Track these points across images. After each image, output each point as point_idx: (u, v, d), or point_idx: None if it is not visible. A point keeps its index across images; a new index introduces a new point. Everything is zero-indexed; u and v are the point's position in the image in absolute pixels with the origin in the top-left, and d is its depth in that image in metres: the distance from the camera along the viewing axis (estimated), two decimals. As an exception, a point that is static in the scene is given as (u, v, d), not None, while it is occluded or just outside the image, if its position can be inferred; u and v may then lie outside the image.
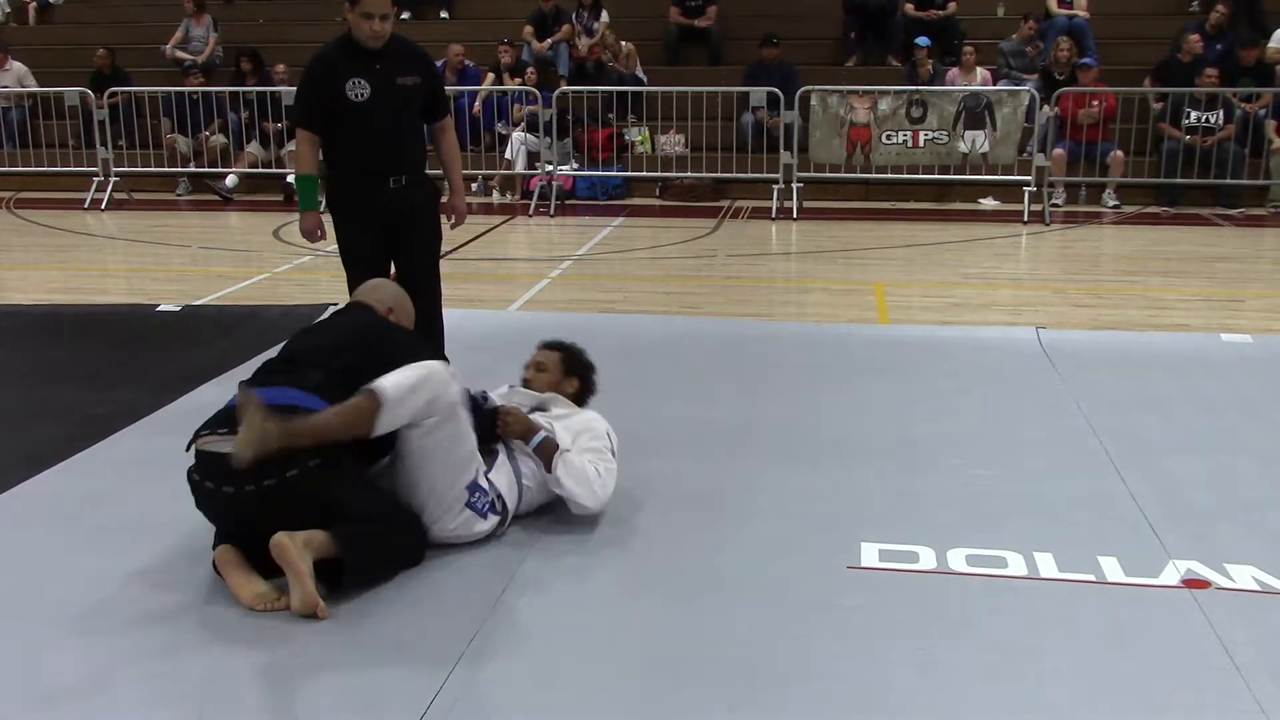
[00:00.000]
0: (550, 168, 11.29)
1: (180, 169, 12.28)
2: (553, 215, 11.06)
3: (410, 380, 3.32)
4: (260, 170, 12.17)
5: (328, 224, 5.02)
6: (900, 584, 3.36)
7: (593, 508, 3.69)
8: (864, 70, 12.60)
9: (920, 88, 11.21)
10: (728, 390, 5.27)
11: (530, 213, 11.07)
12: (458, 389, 3.47)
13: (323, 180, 5.02)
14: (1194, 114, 10.79)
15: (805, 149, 11.05)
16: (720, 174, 11.50)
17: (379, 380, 3.29)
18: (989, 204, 11.35)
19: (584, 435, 3.80)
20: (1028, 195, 10.49)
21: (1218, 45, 11.50)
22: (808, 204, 10.92)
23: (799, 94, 10.97)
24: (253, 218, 11.16)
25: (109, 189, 11.79)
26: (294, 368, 3.46)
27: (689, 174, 11.66)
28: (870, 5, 12.82)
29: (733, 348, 6.01)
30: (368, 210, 4.83)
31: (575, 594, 3.31)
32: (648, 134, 12.09)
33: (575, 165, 11.77)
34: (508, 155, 11.84)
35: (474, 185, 11.89)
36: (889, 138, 10.97)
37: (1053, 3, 12.54)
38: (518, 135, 11.74)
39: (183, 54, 13.43)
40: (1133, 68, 11.79)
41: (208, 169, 12.21)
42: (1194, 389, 5.24)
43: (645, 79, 12.39)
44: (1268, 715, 2.69)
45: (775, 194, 10.86)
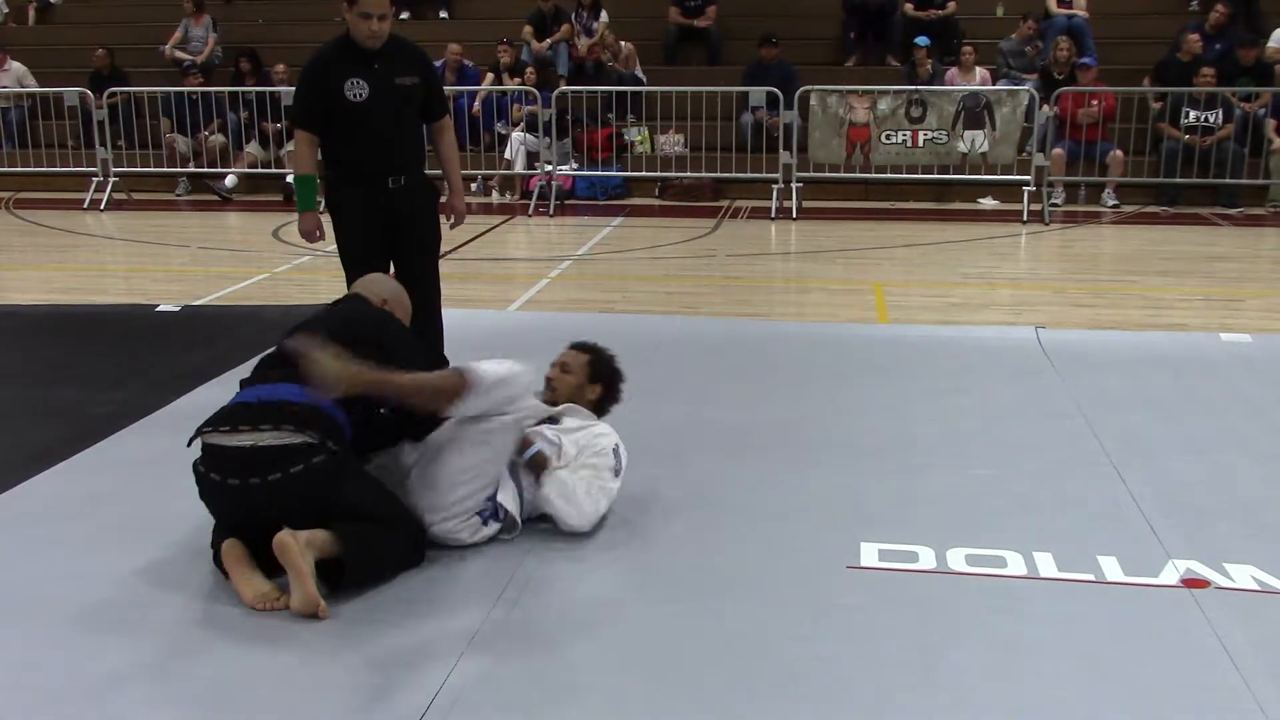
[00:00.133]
0: (550, 168, 11.29)
1: (180, 169, 12.28)
2: (552, 215, 11.06)
3: (501, 373, 3.38)
4: (260, 170, 12.17)
5: (327, 224, 5.02)
6: (900, 584, 3.36)
7: (579, 527, 3.59)
8: (863, 70, 12.59)
9: (919, 87, 11.21)
10: (727, 390, 5.27)
11: (530, 213, 11.08)
12: (532, 402, 3.51)
13: (322, 180, 5.02)
14: (1193, 114, 10.79)
15: (804, 149, 11.04)
16: (720, 174, 11.50)
17: (475, 364, 3.34)
18: (988, 204, 11.35)
19: (587, 451, 3.70)
20: (1027, 195, 10.49)
21: (1217, 45, 11.49)
22: (807, 204, 10.92)
23: (798, 94, 10.97)
24: (252, 218, 11.16)
25: (108, 189, 11.79)
26: (293, 363, 3.44)
27: (688, 174, 11.66)
28: (870, 5, 12.82)
29: (732, 348, 6.01)
30: (367, 210, 4.83)
31: (575, 594, 3.31)
32: (647, 134, 12.09)
33: (575, 165, 11.77)
34: (507, 155, 11.84)
35: (473, 185, 11.89)
36: (888, 137, 10.97)
37: (1052, 2, 12.54)
38: (517, 135, 11.74)
39: (182, 54, 13.41)
40: (1132, 67, 11.79)
41: (207, 169, 12.22)
42: (1193, 388, 5.24)
43: (645, 79, 12.38)
44: (1267, 715, 2.69)
45: (775, 194, 10.86)
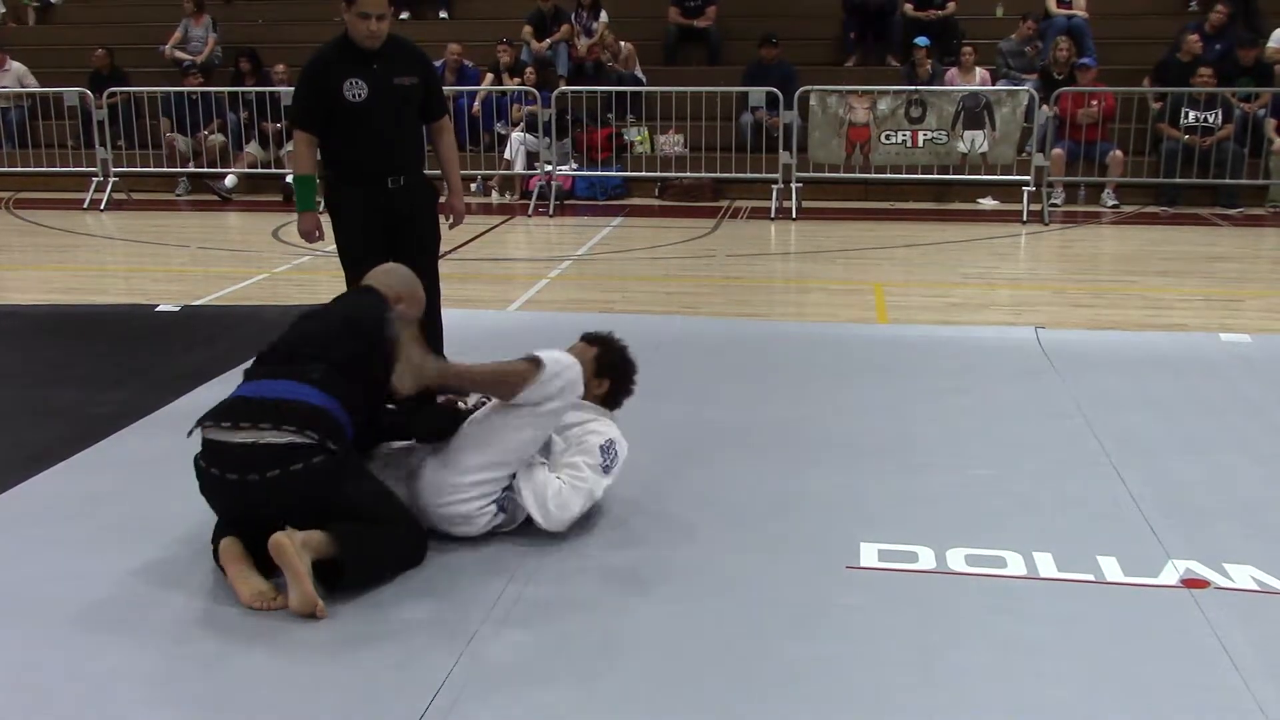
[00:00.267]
0: (549, 168, 11.29)
1: (180, 169, 12.28)
2: (552, 215, 11.06)
3: (565, 362, 3.52)
4: (259, 170, 12.17)
5: (326, 224, 5.02)
6: (900, 584, 3.36)
7: (547, 526, 3.54)
8: (863, 70, 12.60)
9: (919, 88, 11.21)
10: (727, 390, 5.27)
11: (529, 213, 11.07)
12: (575, 396, 3.58)
13: (321, 181, 5.02)
14: (1193, 114, 10.79)
15: (804, 149, 11.04)
16: (719, 174, 11.49)
17: (543, 352, 3.49)
18: (988, 204, 11.35)
19: (573, 448, 3.67)
20: (1027, 195, 10.49)
21: (1217, 45, 11.49)
22: (807, 204, 10.92)
23: (798, 94, 10.97)
24: (252, 218, 11.16)
25: (108, 189, 11.79)
26: (296, 359, 3.43)
27: (688, 174, 11.66)
28: (869, 5, 12.83)
29: (732, 348, 6.01)
30: (366, 210, 4.83)
31: (574, 594, 3.31)
32: (647, 134, 12.09)
33: (574, 165, 11.77)
34: (507, 155, 11.84)
35: (473, 185, 11.88)
36: (888, 138, 10.97)
37: (1051, 3, 12.54)
38: (517, 135, 11.74)
39: (182, 54, 13.42)
40: (1132, 68, 11.80)
41: (207, 169, 12.22)
42: (1193, 389, 5.24)
43: (644, 79, 12.38)
44: (1266, 715, 2.69)
45: (774, 194, 10.86)
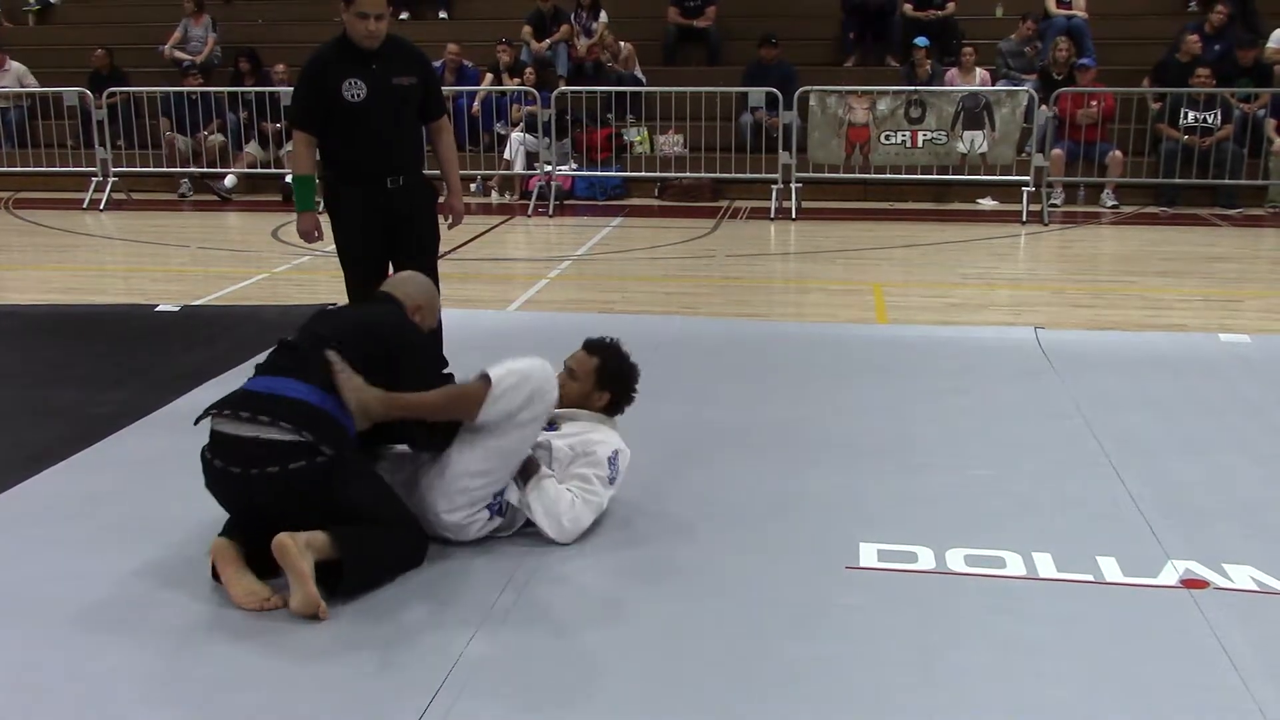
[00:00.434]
0: (549, 168, 11.29)
1: (180, 169, 12.28)
2: (551, 215, 11.06)
3: (521, 369, 3.45)
4: (259, 170, 12.17)
5: (325, 225, 5.02)
6: (899, 584, 3.36)
7: (558, 540, 3.55)
8: (863, 70, 12.60)
9: (919, 88, 11.21)
10: (727, 390, 5.27)
11: (529, 213, 11.07)
12: (552, 397, 3.52)
13: (320, 181, 5.02)
14: (1192, 114, 10.79)
15: (804, 149, 11.05)
16: (719, 174, 11.50)
17: (493, 368, 3.43)
18: (988, 204, 11.35)
19: (581, 459, 3.65)
20: (1026, 195, 10.49)
21: (1216, 45, 11.50)
22: (806, 204, 10.92)
23: (798, 94, 10.97)
24: (251, 218, 11.16)
25: (108, 189, 11.78)
26: (306, 358, 3.43)
27: (688, 174, 11.66)
28: (869, 5, 12.83)
29: (732, 348, 6.02)
30: (365, 210, 4.83)
31: (574, 595, 3.32)
32: (646, 134, 12.09)
33: (574, 165, 11.77)
34: (506, 155, 11.84)
35: (473, 185, 11.88)
36: (887, 138, 10.98)
37: (1051, 3, 12.55)
38: (516, 135, 11.74)
39: (181, 54, 13.41)
40: (1131, 68, 11.80)
41: (206, 169, 12.22)
42: (1192, 389, 5.24)
43: (644, 79, 12.38)
44: (1266, 715, 2.69)
45: (774, 194, 10.86)
